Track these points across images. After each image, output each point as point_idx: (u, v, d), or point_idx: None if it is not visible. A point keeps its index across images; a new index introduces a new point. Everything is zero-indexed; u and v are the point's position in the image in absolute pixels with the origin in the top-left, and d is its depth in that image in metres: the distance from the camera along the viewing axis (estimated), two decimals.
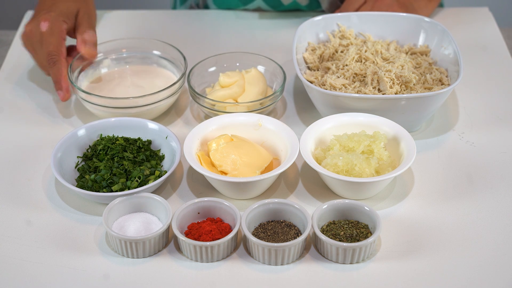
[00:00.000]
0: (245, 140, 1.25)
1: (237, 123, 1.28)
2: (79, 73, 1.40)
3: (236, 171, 1.20)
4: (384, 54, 1.38)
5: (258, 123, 1.27)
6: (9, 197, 1.22)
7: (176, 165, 1.20)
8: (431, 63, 1.40)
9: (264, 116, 1.28)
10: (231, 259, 1.12)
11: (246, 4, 1.66)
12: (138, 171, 1.20)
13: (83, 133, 1.27)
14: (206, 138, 1.25)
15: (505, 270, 1.10)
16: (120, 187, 1.18)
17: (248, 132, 1.27)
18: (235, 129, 1.27)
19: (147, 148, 1.26)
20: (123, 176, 1.20)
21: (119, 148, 1.24)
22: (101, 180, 1.19)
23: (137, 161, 1.23)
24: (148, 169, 1.21)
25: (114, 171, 1.20)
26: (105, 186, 1.19)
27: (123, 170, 1.21)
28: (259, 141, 1.27)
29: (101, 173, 1.19)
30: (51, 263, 1.11)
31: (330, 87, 1.31)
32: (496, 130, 1.35)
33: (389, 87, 1.29)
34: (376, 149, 1.21)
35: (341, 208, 1.15)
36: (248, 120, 1.28)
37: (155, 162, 1.24)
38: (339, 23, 1.46)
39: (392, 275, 1.09)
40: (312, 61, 1.41)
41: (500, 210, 1.19)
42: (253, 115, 1.28)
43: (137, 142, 1.26)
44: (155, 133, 1.28)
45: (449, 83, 1.33)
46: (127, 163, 1.21)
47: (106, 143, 1.25)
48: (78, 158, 1.26)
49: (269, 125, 1.27)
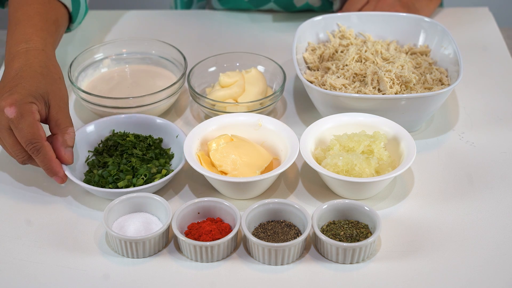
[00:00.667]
0: (245, 140, 1.25)
1: (237, 123, 1.28)
2: (79, 73, 1.40)
3: (236, 171, 1.20)
4: (384, 54, 1.38)
5: (258, 123, 1.27)
6: (9, 197, 1.22)
7: (182, 165, 1.20)
8: (431, 63, 1.40)
9: (264, 116, 1.28)
10: (231, 259, 1.12)
11: (258, 7, 1.66)
12: (145, 168, 1.20)
13: (92, 129, 1.28)
14: (206, 138, 1.25)
15: (505, 270, 1.10)
16: (126, 184, 1.19)
17: (248, 132, 1.27)
18: (235, 129, 1.27)
19: (157, 146, 1.26)
20: (130, 172, 1.20)
21: (129, 144, 1.24)
22: (107, 176, 1.20)
23: (146, 158, 1.23)
24: (155, 167, 1.21)
25: (122, 168, 1.20)
26: (111, 182, 1.19)
27: (131, 167, 1.21)
28: (259, 141, 1.27)
29: (108, 168, 1.20)
30: (51, 263, 1.11)
31: (330, 87, 1.31)
32: (496, 130, 1.35)
33: (389, 87, 1.29)
34: (376, 149, 1.21)
35: (341, 208, 1.15)
36: (248, 120, 1.28)
37: (164, 161, 1.24)
38: (339, 23, 1.46)
39: (392, 275, 1.09)
40: (312, 61, 1.41)
41: (500, 210, 1.19)
42: (253, 115, 1.28)
43: (147, 140, 1.26)
44: (166, 131, 1.28)
45: (449, 83, 1.33)
46: (135, 160, 1.21)
47: (117, 139, 1.25)
48: (89, 153, 1.27)
49: (269, 125, 1.27)
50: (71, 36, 1.61)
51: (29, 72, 1.21)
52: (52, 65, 1.25)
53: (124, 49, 1.46)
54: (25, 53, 1.24)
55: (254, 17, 1.67)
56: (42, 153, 1.17)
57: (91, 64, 1.43)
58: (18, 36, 1.26)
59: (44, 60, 1.24)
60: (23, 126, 1.15)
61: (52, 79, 1.22)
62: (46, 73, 1.22)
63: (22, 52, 1.24)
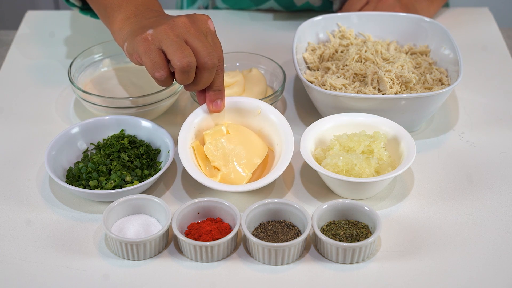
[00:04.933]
0: (242, 132, 1.24)
1: (235, 108, 1.26)
2: (79, 73, 1.40)
3: (228, 169, 1.20)
4: (384, 54, 1.38)
5: (257, 110, 1.26)
6: (9, 197, 1.22)
7: (155, 178, 1.19)
8: (431, 63, 1.40)
9: (264, 104, 1.26)
10: (231, 259, 1.12)
11: (258, 5, 1.66)
12: (118, 174, 1.19)
13: (76, 131, 1.28)
14: (202, 127, 1.24)
15: (505, 270, 1.10)
16: (95, 184, 1.19)
17: (247, 118, 1.26)
18: (233, 114, 1.26)
19: (149, 156, 1.25)
20: (104, 174, 1.20)
21: (119, 147, 1.24)
22: (78, 173, 1.20)
23: (130, 166, 1.22)
24: (131, 176, 1.21)
25: (100, 168, 1.20)
26: (85, 179, 1.20)
27: (108, 170, 1.21)
28: (256, 128, 1.26)
29: (88, 165, 1.20)
30: (51, 263, 1.11)
31: (330, 87, 1.31)
32: (496, 130, 1.35)
33: (389, 87, 1.29)
34: (376, 149, 1.21)
35: (341, 208, 1.15)
36: (247, 104, 1.26)
37: (148, 173, 1.23)
38: (339, 23, 1.46)
39: (392, 275, 1.09)
40: (312, 61, 1.41)
41: (500, 210, 1.19)
42: (254, 100, 1.27)
43: (141, 148, 1.25)
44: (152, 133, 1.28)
45: (449, 83, 1.33)
46: (115, 163, 1.21)
47: (112, 139, 1.25)
48: (91, 145, 1.27)
49: (268, 113, 1.25)
50: (71, 36, 1.61)
51: None
52: None
53: None
54: None
55: (254, 17, 1.67)
56: (221, 74, 1.19)
57: (91, 64, 1.43)
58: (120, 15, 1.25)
59: None
60: (217, 41, 1.18)
61: None
62: None
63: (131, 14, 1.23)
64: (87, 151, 1.27)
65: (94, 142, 1.28)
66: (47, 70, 1.51)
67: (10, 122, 1.38)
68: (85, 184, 1.20)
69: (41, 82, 1.47)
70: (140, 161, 1.23)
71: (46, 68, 1.51)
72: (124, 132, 1.28)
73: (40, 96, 1.44)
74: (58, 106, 1.41)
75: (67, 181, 1.21)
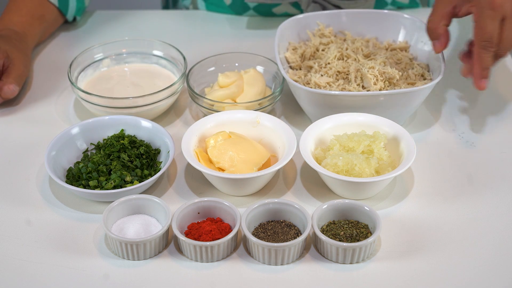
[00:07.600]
0: (243, 137, 1.25)
1: (235, 120, 1.28)
2: (79, 73, 1.40)
3: (234, 168, 1.20)
4: (365, 51, 1.38)
5: (256, 120, 1.27)
6: (9, 197, 1.22)
7: (157, 176, 1.19)
8: (411, 58, 1.40)
9: (262, 113, 1.28)
10: (231, 259, 1.12)
11: (239, 15, 1.66)
12: (118, 174, 1.20)
13: (76, 131, 1.28)
14: (204, 135, 1.26)
15: (505, 270, 1.10)
16: (95, 184, 1.19)
17: (246, 129, 1.27)
18: (233, 126, 1.27)
19: (149, 156, 1.25)
20: (104, 174, 1.20)
21: (119, 147, 1.24)
22: (78, 173, 1.20)
23: (130, 166, 1.22)
24: (131, 176, 1.21)
25: (100, 168, 1.20)
26: (85, 179, 1.20)
27: (108, 169, 1.21)
28: (257, 138, 1.27)
29: (88, 165, 1.20)
30: (51, 263, 1.11)
31: (314, 86, 1.31)
32: (496, 130, 1.35)
33: (373, 83, 1.29)
34: (376, 149, 1.21)
35: (341, 208, 1.15)
36: (246, 117, 1.28)
37: (148, 173, 1.23)
38: (318, 21, 1.46)
39: (392, 275, 1.09)
40: (294, 60, 1.41)
41: (500, 210, 1.19)
42: (252, 112, 1.28)
43: (141, 148, 1.25)
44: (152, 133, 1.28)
45: (431, 78, 1.34)
46: (115, 163, 1.21)
47: (112, 139, 1.25)
48: (91, 145, 1.28)
49: (267, 122, 1.27)
50: (71, 36, 1.61)
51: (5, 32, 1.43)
52: (25, 42, 1.45)
53: (124, 49, 1.46)
54: (4, 30, 1.45)
55: (254, 17, 1.67)
56: None
57: (91, 64, 1.43)
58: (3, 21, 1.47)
59: (19, 37, 1.44)
60: None
61: (20, 47, 1.42)
62: (18, 40, 1.44)
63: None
64: (87, 151, 1.27)
65: (94, 142, 1.28)
66: (47, 70, 1.51)
67: (10, 122, 1.38)
68: (85, 184, 1.20)
69: (41, 82, 1.47)
70: (140, 161, 1.23)
71: (46, 68, 1.51)
72: (124, 132, 1.28)
73: (40, 96, 1.44)
74: (58, 106, 1.41)
75: (67, 181, 1.21)
